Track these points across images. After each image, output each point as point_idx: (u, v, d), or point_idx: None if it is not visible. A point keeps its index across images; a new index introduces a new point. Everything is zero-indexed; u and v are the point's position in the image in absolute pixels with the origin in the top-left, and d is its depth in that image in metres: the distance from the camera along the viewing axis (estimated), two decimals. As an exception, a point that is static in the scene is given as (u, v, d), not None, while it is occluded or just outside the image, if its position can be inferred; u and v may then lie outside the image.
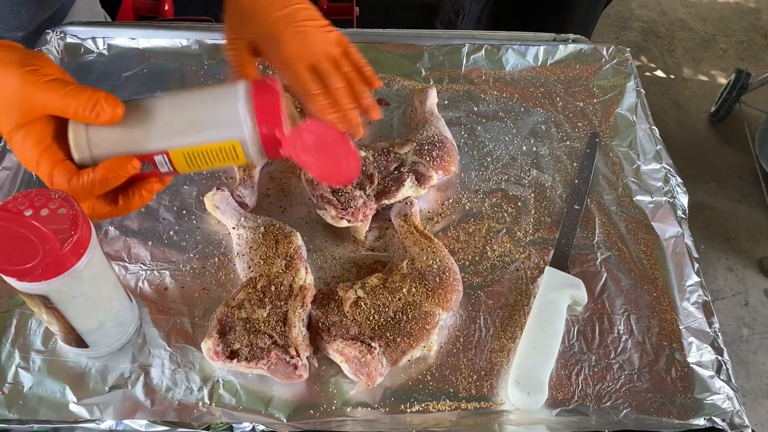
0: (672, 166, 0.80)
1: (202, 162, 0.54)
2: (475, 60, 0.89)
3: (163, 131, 0.53)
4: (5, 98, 0.51)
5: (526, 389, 0.60)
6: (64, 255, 0.50)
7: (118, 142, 0.53)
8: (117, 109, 0.51)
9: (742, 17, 2.48)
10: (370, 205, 0.70)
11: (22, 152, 0.52)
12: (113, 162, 0.52)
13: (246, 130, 0.52)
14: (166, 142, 0.53)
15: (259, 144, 0.53)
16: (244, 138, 0.53)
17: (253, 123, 0.52)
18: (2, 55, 0.52)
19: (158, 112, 0.53)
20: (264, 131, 0.53)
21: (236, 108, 0.52)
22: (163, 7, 1.25)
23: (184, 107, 0.53)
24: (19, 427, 0.58)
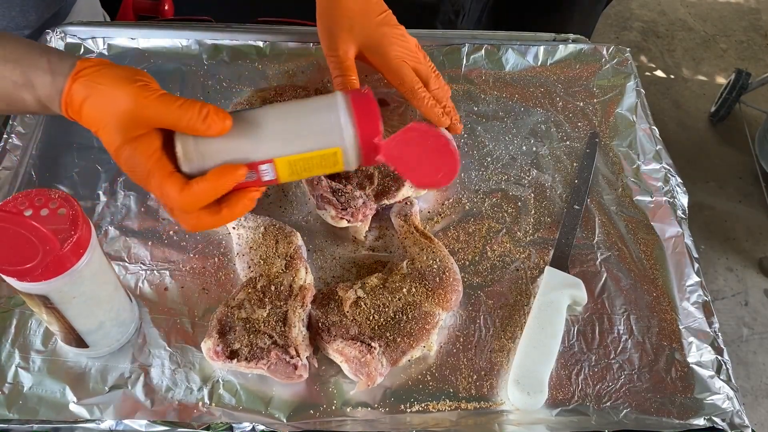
0: (672, 166, 0.80)
1: (303, 169, 0.56)
2: (475, 60, 0.89)
3: (269, 141, 0.55)
4: (117, 113, 0.52)
5: (526, 389, 0.60)
6: (64, 255, 0.50)
7: (225, 151, 0.54)
8: (226, 121, 0.52)
9: (742, 17, 2.48)
10: (370, 205, 0.70)
11: (133, 165, 0.53)
12: (222, 170, 0.53)
13: (347, 138, 0.55)
14: (272, 150, 0.55)
15: (359, 150, 0.56)
16: (345, 145, 0.55)
17: (354, 130, 0.55)
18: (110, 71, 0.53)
19: (263, 123, 0.55)
20: (364, 138, 0.55)
21: (338, 116, 0.55)
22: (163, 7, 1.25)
23: (288, 117, 0.55)
24: (19, 427, 0.58)
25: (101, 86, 0.53)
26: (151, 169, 0.53)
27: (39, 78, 0.54)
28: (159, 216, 0.72)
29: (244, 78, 0.85)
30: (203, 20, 0.98)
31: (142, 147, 0.53)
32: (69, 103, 0.54)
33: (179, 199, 0.53)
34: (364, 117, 0.55)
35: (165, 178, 0.53)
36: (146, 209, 0.72)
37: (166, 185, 0.53)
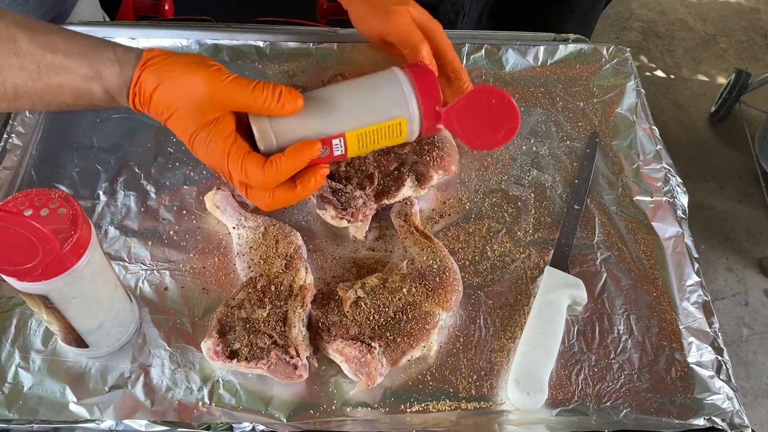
0: (672, 166, 0.80)
1: (371, 141, 0.60)
2: (475, 60, 0.89)
3: (339, 116, 0.58)
4: (192, 98, 0.54)
5: (526, 389, 0.60)
6: (64, 255, 0.50)
7: (300, 129, 0.57)
8: (298, 101, 0.55)
9: (742, 17, 2.48)
10: (370, 205, 0.70)
11: (209, 149, 0.56)
12: (300, 146, 0.56)
13: (411, 107, 0.59)
14: (343, 125, 0.58)
15: (422, 119, 0.60)
16: (410, 114, 0.59)
17: (417, 100, 0.59)
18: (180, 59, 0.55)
19: (332, 100, 0.58)
20: (426, 106, 0.59)
21: (401, 88, 0.59)
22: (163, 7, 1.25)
23: (354, 93, 0.59)
24: (19, 427, 0.58)
25: (174, 72, 0.54)
26: (230, 151, 0.55)
27: (107, 69, 0.56)
28: (159, 216, 0.72)
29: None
30: (203, 20, 0.98)
31: (218, 130, 0.55)
32: (138, 92, 0.55)
33: (262, 176, 0.55)
34: (425, 87, 0.59)
35: (245, 158, 0.55)
36: (146, 209, 0.72)
37: (247, 164, 0.55)
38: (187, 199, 0.74)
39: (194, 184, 0.75)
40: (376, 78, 0.61)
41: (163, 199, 0.73)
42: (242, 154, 0.55)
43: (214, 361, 0.60)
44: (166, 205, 0.73)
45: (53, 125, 0.79)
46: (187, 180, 0.75)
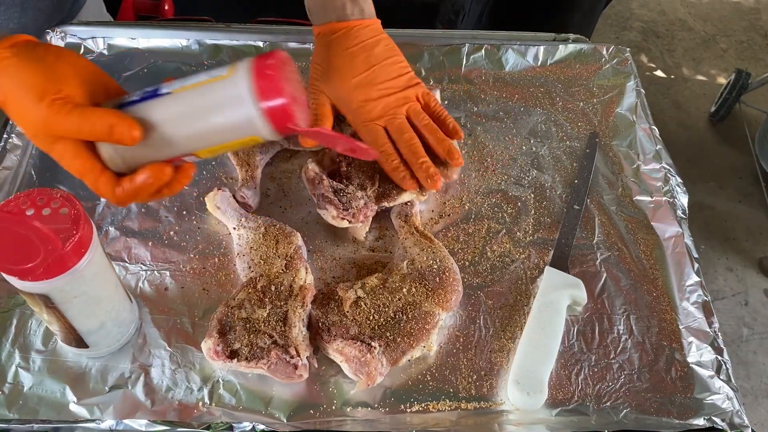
0: (672, 166, 0.80)
1: (224, 150, 0.57)
2: (475, 60, 0.89)
3: (186, 140, 0.54)
4: (31, 129, 0.53)
5: (526, 389, 0.60)
6: (65, 254, 0.50)
7: (145, 154, 0.54)
8: (134, 134, 0.52)
9: (742, 17, 2.48)
10: (371, 206, 0.70)
11: (63, 164, 0.54)
12: (148, 172, 0.54)
13: (262, 130, 0.53)
14: (191, 147, 0.55)
15: (269, 124, 0.53)
16: (261, 134, 0.54)
17: (258, 107, 0.52)
18: (24, 75, 0.52)
19: (173, 121, 0.54)
20: (272, 114, 0.52)
21: (246, 112, 0.52)
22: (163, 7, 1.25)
23: (197, 110, 0.54)
24: (19, 427, 0.58)
25: (11, 93, 0.52)
26: (82, 170, 0.53)
27: None
28: (159, 216, 0.72)
29: (244, 78, 0.85)
30: (203, 20, 0.98)
31: (69, 148, 0.53)
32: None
33: (115, 199, 0.54)
34: (267, 91, 0.52)
35: (97, 178, 0.53)
36: (146, 209, 0.72)
37: (99, 185, 0.54)
38: (188, 199, 0.74)
39: (194, 184, 0.75)
40: (220, 83, 0.53)
41: (164, 200, 0.73)
42: (96, 174, 0.53)
43: (215, 361, 0.60)
44: (166, 206, 0.73)
45: (53, 125, 0.79)
46: (187, 180, 0.75)
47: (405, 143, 0.71)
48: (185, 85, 0.54)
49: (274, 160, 0.78)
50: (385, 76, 0.72)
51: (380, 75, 0.72)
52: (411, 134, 0.72)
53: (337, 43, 0.73)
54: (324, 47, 0.74)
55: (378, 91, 0.72)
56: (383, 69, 0.73)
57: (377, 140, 0.71)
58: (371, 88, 0.72)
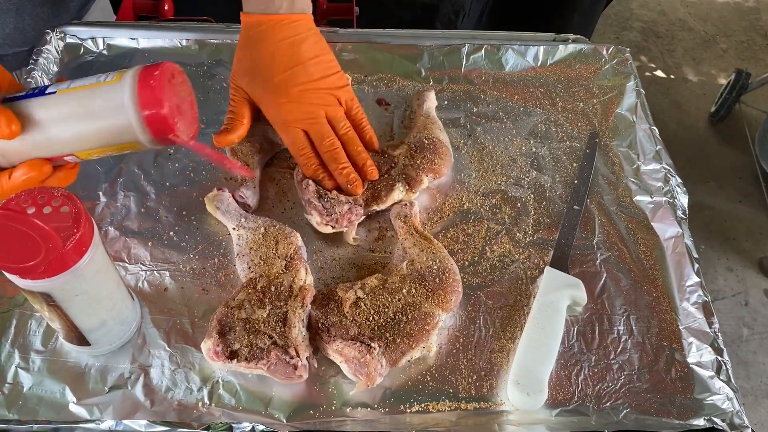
0: (672, 166, 0.80)
1: (105, 154, 0.57)
2: (475, 60, 0.89)
3: (67, 141, 0.55)
4: None
5: (526, 389, 0.60)
6: (66, 253, 0.50)
7: (25, 150, 0.56)
8: (12, 127, 0.53)
9: (742, 17, 2.48)
10: (357, 210, 0.70)
11: None
12: (27, 167, 0.55)
13: (141, 136, 0.54)
14: (72, 148, 0.56)
15: (147, 132, 0.54)
16: (140, 140, 0.55)
17: (139, 114, 0.53)
18: None
19: (55, 121, 0.55)
20: (151, 121, 0.54)
21: (128, 119, 0.53)
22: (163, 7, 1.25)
23: (78, 111, 0.55)
24: (19, 428, 0.58)
25: None
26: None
27: None
28: (159, 216, 0.72)
29: (244, 78, 0.85)
30: (203, 20, 0.98)
31: None
32: None
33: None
34: (148, 102, 0.53)
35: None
36: (146, 210, 0.72)
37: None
38: (187, 200, 0.74)
39: (194, 184, 0.75)
40: (103, 88, 0.54)
41: (163, 200, 0.73)
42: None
43: (214, 361, 0.60)
44: (166, 206, 0.73)
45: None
46: (187, 181, 0.75)
47: (325, 149, 0.70)
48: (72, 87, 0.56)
49: (274, 160, 0.78)
50: (307, 76, 0.70)
51: (302, 75, 0.69)
52: (332, 140, 0.70)
53: (261, 38, 0.70)
54: (247, 40, 0.71)
55: (299, 92, 0.69)
56: (306, 68, 0.70)
57: (296, 144, 0.70)
58: (292, 89, 0.69)
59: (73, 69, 0.84)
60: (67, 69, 0.84)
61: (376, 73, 0.87)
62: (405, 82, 0.87)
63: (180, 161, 0.77)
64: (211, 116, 0.81)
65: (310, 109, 0.70)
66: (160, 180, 0.75)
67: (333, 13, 1.29)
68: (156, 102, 0.53)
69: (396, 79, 0.87)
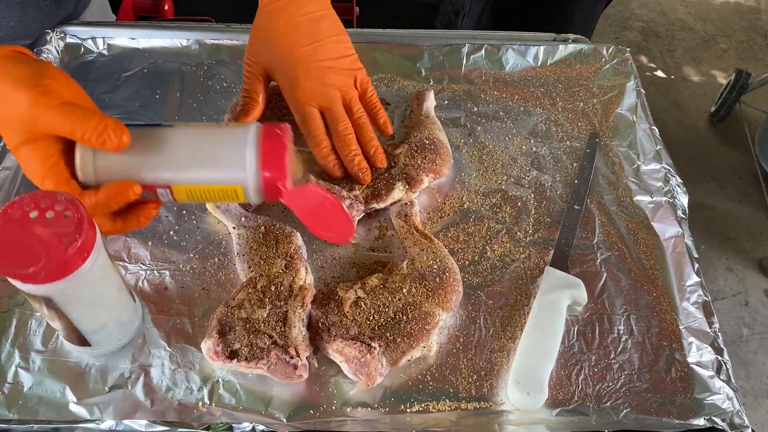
0: (672, 166, 0.80)
1: (202, 198, 0.56)
2: (475, 60, 0.89)
3: (168, 166, 0.54)
4: (13, 117, 0.51)
5: (526, 389, 0.60)
6: (68, 258, 0.50)
7: (123, 169, 0.53)
8: (123, 138, 0.51)
9: (742, 17, 2.48)
10: (357, 207, 0.70)
11: (28, 167, 0.52)
12: (116, 187, 0.52)
13: (250, 177, 0.54)
14: (170, 177, 0.54)
15: (261, 191, 0.55)
16: (247, 184, 0.54)
17: (257, 171, 0.54)
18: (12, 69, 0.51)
19: (166, 145, 0.54)
20: (267, 181, 0.54)
21: (243, 154, 0.53)
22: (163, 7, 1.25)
23: (192, 145, 0.54)
24: (19, 427, 0.58)
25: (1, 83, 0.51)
26: (46, 174, 0.52)
27: None
28: (159, 216, 0.72)
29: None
30: (203, 20, 0.98)
31: (39, 150, 0.52)
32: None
33: None
34: (271, 159, 0.54)
35: (59, 185, 0.52)
36: (146, 209, 0.72)
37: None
38: (187, 199, 0.74)
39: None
40: (223, 132, 0.55)
41: (163, 199, 0.73)
42: (59, 181, 0.52)
43: (214, 361, 0.60)
44: (166, 206, 0.73)
45: (53, 125, 0.79)
46: (187, 180, 0.75)
47: (339, 134, 0.69)
48: (190, 124, 0.55)
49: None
50: (327, 53, 0.69)
51: (322, 52, 0.69)
52: (346, 125, 0.69)
53: (281, 11, 0.69)
54: (266, 16, 0.70)
55: (319, 69, 0.69)
56: (326, 45, 0.69)
57: (311, 124, 0.69)
58: (312, 64, 0.68)
59: (73, 69, 0.84)
60: (67, 69, 0.84)
61: (376, 73, 0.86)
62: (405, 82, 0.87)
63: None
64: (211, 116, 0.81)
65: (327, 90, 0.69)
66: (160, 180, 0.75)
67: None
68: (277, 166, 0.53)
69: (396, 79, 0.87)
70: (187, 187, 0.54)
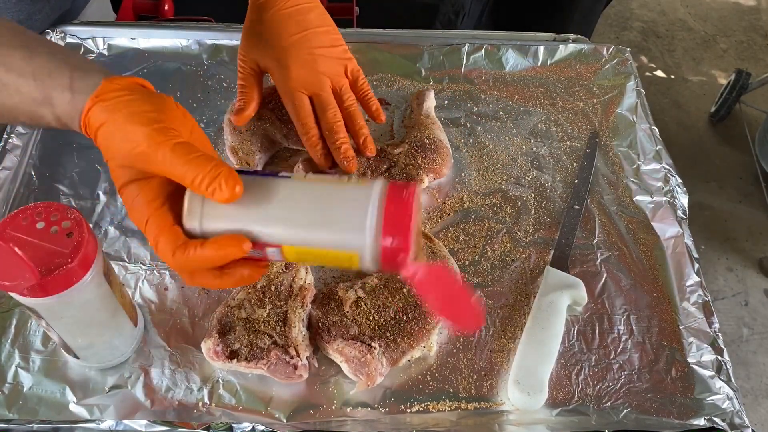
0: (672, 166, 0.80)
1: (313, 261, 0.50)
2: (475, 60, 0.89)
3: (281, 223, 0.48)
4: (126, 152, 0.48)
5: (526, 389, 0.60)
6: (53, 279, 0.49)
7: (232, 220, 0.49)
8: (236, 190, 0.47)
9: (742, 17, 2.48)
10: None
11: (132, 208, 0.49)
12: (224, 241, 0.48)
13: (368, 243, 0.47)
14: (282, 235, 0.48)
15: (379, 260, 0.48)
16: (364, 251, 0.48)
17: (377, 237, 0.47)
18: (130, 103, 0.49)
19: (281, 200, 0.48)
20: (387, 252, 0.47)
21: (364, 216, 0.47)
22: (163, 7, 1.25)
23: (310, 202, 0.49)
24: (19, 427, 0.58)
25: (117, 117, 0.48)
26: (150, 218, 0.48)
27: (58, 95, 0.50)
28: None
29: (244, 78, 0.85)
30: (203, 20, 0.98)
31: (146, 190, 0.49)
32: (87, 124, 0.50)
33: (171, 261, 0.48)
34: (393, 227, 0.47)
35: (162, 232, 0.48)
36: (146, 209, 0.72)
37: (160, 240, 0.48)
38: (187, 199, 0.74)
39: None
40: (345, 191, 0.49)
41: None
42: (162, 227, 0.48)
43: (214, 361, 0.60)
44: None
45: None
46: (187, 180, 0.75)
47: (327, 121, 0.69)
48: (309, 178, 0.51)
49: (274, 159, 0.78)
50: (318, 41, 0.70)
51: (313, 39, 0.70)
52: (334, 111, 0.69)
53: (271, 4, 0.70)
54: (257, 10, 0.71)
55: (309, 56, 0.69)
56: (317, 34, 0.70)
57: (300, 111, 0.69)
58: (302, 51, 0.69)
59: (73, 69, 0.84)
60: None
61: (376, 73, 0.87)
62: (405, 82, 0.87)
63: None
64: (212, 116, 0.81)
65: (317, 77, 0.70)
66: (160, 180, 0.75)
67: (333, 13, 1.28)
68: (401, 236, 0.47)
69: (396, 79, 0.87)
70: (299, 249, 0.49)
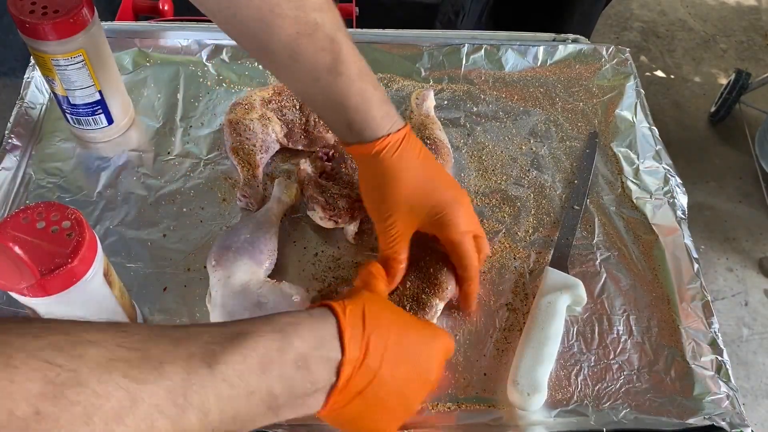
0: (672, 166, 0.80)
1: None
2: (474, 60, 0.89)
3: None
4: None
5: (525, 390, 0.60)
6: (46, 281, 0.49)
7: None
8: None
9: (742, 17, 2.48)
10: (358, 205, 0.70)
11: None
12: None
13: None
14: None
15: None
16: None
17: None
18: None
19: None
20: None
21: None
22: (163, 7, 1.25)
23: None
24: (19, 427, 0.58)
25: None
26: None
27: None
28: (159, 215, 0.72)
29: (245, 78, 0.86)
30: (203, 20, 0.98)
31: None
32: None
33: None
34: None
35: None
36: (146, 209, 0.72)
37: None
38: (187, 198, 0.74)
39: (194, 183, 0.75)
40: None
41: (163, 199, 0.73)
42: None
43: None
44: (165, 205, 0.73)
45: (53, 125, 0.79)
46: (186, 180, 0.75)
47: (481, 260, 0.67)
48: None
49: (274, 159, 0.78)
50: (464, 192, 0.67)
51: (461, 191, 0.66)
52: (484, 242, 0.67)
53: (400, 158, 0.62)
54: (381, 163, 0.62)
55: (464, 205, 0.65)
56: (458, 185, 0.67)
57: (473, 254, 0.65)
58: (459, 202, 0.65)
59: (73, 69, 0.84)
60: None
61: (376, 73, 0.86)
62: (405, 82, 0.87)
63: (180, 160, 0.77)
64: (211, 116, 0.81)
65: (472, 218, 0.67)
66: (160, 179, 0.75)
67: (333, 13, 1.28)
68: None
69: (396, 79, 0.87)
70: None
